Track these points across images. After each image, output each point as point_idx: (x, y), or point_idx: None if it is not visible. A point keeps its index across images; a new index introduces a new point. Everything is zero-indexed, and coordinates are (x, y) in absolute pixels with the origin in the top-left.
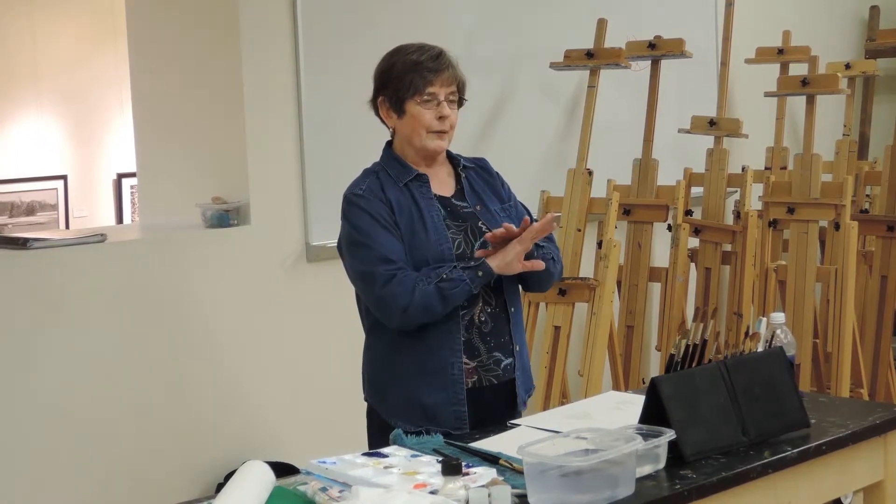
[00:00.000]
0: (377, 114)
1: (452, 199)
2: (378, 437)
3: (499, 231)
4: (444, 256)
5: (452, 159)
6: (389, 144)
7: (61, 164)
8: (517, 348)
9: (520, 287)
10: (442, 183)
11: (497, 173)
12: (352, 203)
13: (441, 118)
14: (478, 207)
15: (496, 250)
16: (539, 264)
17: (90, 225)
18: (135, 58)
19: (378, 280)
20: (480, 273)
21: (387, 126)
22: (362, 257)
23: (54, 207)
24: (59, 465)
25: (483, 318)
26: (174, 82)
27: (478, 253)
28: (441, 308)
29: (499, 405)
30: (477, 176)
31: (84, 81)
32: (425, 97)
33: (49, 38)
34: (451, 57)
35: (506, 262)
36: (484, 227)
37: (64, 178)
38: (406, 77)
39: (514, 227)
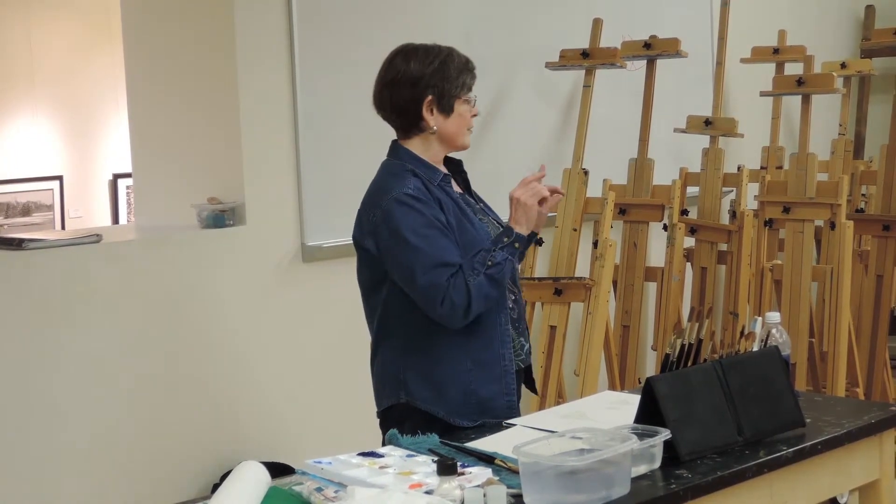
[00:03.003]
0: (405, 112)
1: (466, 196)
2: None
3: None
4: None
5: (449, 160)
6: (398, 145)
7: (57, 164)
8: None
9: None
10: (454, 182)
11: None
12: (403, 203)
13: (474, 115)
14: (481, 205)
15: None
16: (556, 196)
17: (86, 225)
18: (130, 59)
19: (438, 291)
20: (517, 244)
21: (419, 125)
22: (422, 260)
23: (50, 208)
24: (54, 466)
25: (511, 306)
26: (169, 83)
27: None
28: (497, 293)
29: (520, 388)
30: (461, 176)
31: (80, 82)
32: (470, 96)
33: (45, 39)
34: None
35: (528, 218)
36: (496, 222)
37: (60, 178)
38: (460, 77)
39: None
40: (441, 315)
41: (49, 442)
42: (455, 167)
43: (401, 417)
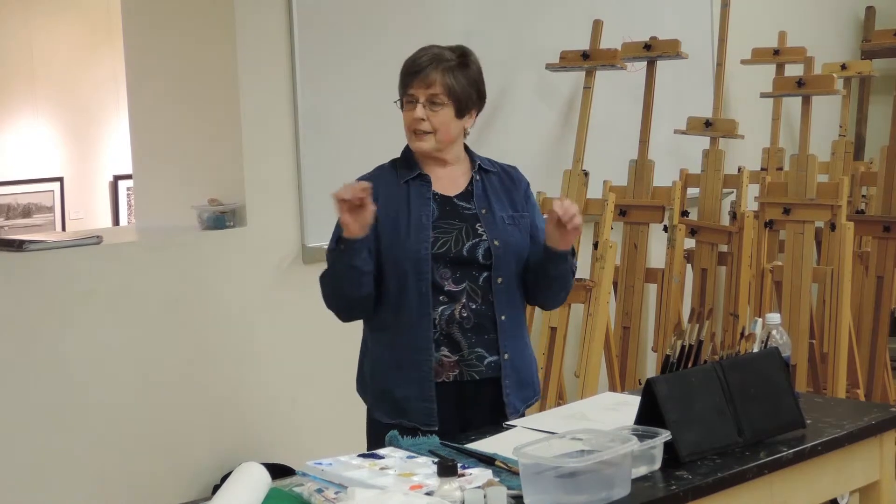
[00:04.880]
0: None
1: (455, 199)
2: (371, 433)
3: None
4: (420, 256)
5: (474, 160)
6: None
7: (58, 166)
8: (506, 356)
9: (521, 298)
10: (451, 182)
11: (526, 185)
12: None
13: (415, 119)
14: (483, 211)
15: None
16: None
17: (86, 227)
18: (131, 60)
19: None
20: (342, 246)
21: None
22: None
23: (50, 209)
24: (55, 466)
25: (465, 314)
26: (170, 84)
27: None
28: (329, 290)
29: (483, 404)
30: (498, 181)
31: (80, 84)
32: (407, 99)
33: (46, 40)
34: (452, 59)
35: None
36: (481, 230)
37: (60, 180)
38: (402, 79)
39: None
40: None
41: (49, 442)
42: (480, 167)
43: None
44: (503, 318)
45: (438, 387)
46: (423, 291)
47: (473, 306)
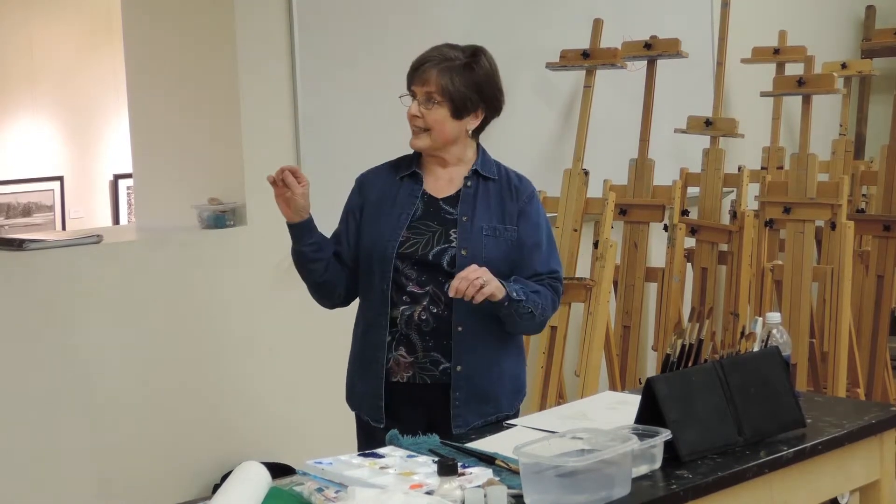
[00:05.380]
0: None
1: (441, 202)
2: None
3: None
4: (386, 254)
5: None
6: None
7: (58, 165)
8: (458, 368)
9: (484, 316)
10: (447, 183)
11: (529, 197)
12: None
13: (410, 115)
14: (463, 218)
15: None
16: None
17: (86, 226)
18: (131, 60)
19: None
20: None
21: None
22: None
23: (51, 209)
24: (55, 465)
25: (424, 317)
26: (170, 84)
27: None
28: (302, 275)
29: (436, 408)
30: (495, 189)
31: (80, 83)
32: (408, 94)
33: (46, 40)
34: (456, 59)
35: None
36: (453, 237)
37: (60, 179)
38: (409, 76)
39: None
40: None
41: (49, 441)
42: (480, 168)
43: None
44: (459, 328)
45: (394, 385)
46: (383, 289)
47: (435, 311)
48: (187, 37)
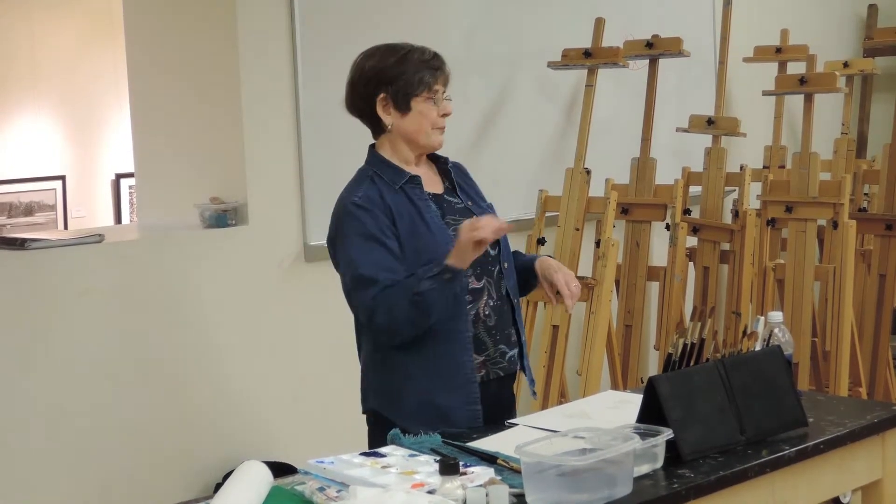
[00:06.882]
0: (363, 112)
1: (445, 196)
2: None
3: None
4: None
5: (436, 158)
6: (373, 147)
7: (59, 164)
8: (524, 339)
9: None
10: (431, 181)
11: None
12: (349, 213)
13: (444, 115)
14: (469, 203)
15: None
16: (503, 227)
17: (88, 225)
18: (132, 58)
19: (366, 309)
20: (447, 276)
21: (380, 125)
22: (353, 273)
23: (52, 208)
24: (56, 466)
25: (487, 312)
26: (172, 83)
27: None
28: (427, 319)
29: (504, 395)
30: (460, 176)
31: (82, 82)
32: (432, 94)
33: (47, 38)
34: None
35: (459, 253)
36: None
37: (62, 178)
38: (417, 74)
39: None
40: (373, 331)
41: (50, 441)
42: (441, 165)
43: (374, 424)
44: (516, 301)
45: None
46: (457, 293)
47: (492, 303)
48: (189, 36)
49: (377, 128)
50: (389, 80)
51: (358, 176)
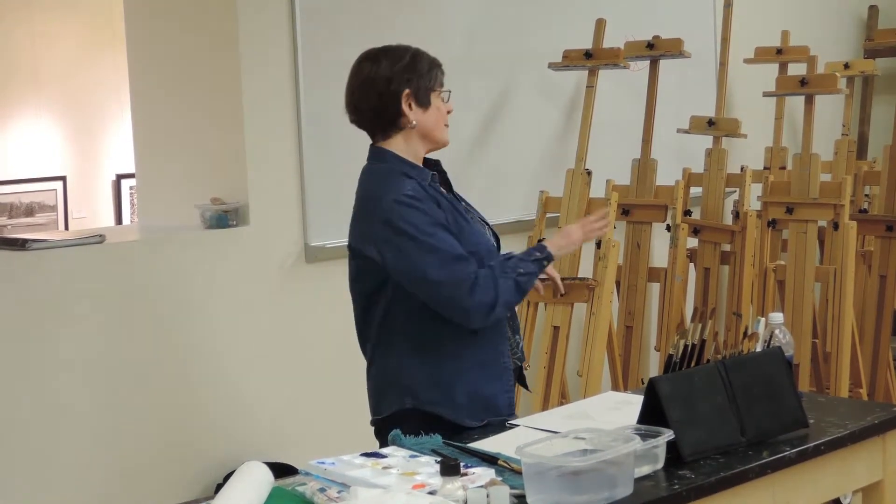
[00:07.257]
0: (380, 112)
1: (451, 192)
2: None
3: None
4: (490, 246)
5: (428, 161)
6: (378, 147)
7: (60, 165)
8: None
9: None
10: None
11: None
12: (408, 206)
13: (449, 111)
14: (463, 203)
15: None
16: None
17: (89, 226)
18: (133, 60)
19: (464, 284)
20: (546, 262)
21: (397, 123)
22: (436, 263)
23: (53, 208)
24: (57, 466)
25: None
26: (173, 84)
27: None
28: (517, 300)
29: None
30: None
31: (83, 83)
32: (444, 91)
33: (49, 40)
34: None
35: (567, 245)
36: (481, 220)
37: (63, 179)
38: (431, 71)
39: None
40: (467, 308)
41: (51, 442)
42: (435, 167)
43: (404, 423)
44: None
45: None
46: None
47: None
48: (190, 37)
49: (391, 126)
50: (409, 76)
51: (384, 174)
